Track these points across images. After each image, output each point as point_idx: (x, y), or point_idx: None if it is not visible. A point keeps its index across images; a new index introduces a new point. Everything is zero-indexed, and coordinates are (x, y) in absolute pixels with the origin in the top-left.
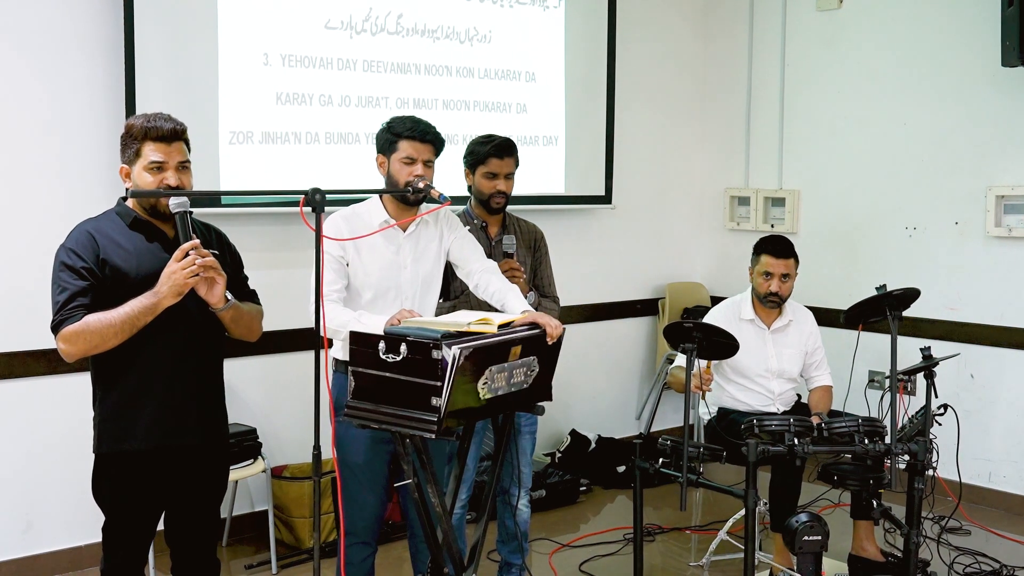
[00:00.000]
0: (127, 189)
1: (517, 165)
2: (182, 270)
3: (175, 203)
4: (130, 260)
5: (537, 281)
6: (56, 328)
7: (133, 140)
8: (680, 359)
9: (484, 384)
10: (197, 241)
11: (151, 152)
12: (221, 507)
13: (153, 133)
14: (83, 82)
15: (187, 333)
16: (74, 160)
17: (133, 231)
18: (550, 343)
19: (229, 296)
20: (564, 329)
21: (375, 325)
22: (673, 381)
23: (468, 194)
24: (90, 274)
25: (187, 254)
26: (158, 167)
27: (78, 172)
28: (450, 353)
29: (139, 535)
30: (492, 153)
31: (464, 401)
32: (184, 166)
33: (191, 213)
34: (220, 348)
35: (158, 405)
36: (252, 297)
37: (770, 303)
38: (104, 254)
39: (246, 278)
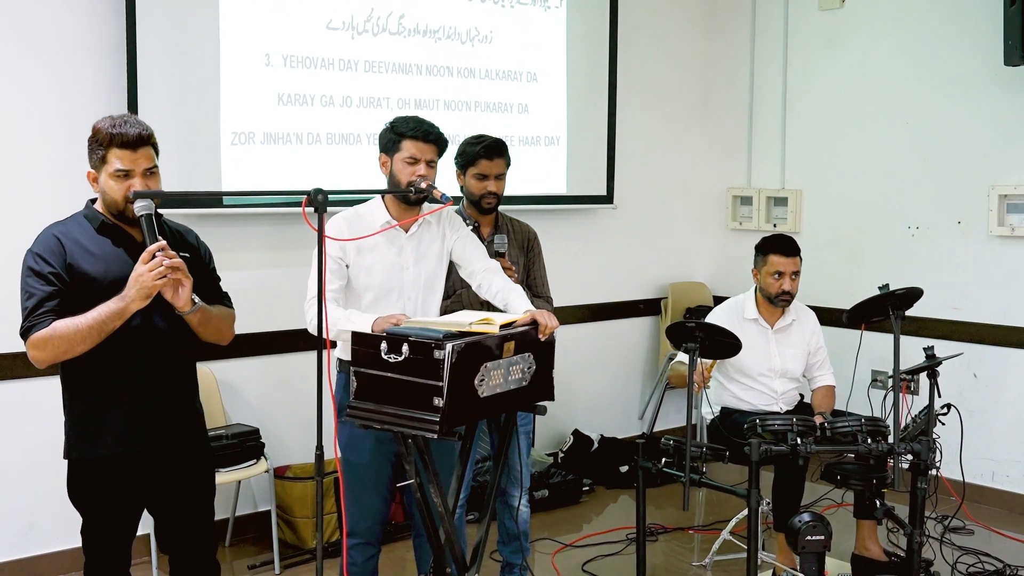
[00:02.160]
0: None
1: (508, 165)
2: (149, 272)
3: (139, 206)
4: (98, 265)
5: (530, 281)
6: (25, 334)
7: (99, 146)
8: (683, 356)
9: (480, 381)
10: (164, 243)
11: (116, 160)
12: (224, 508)
13: (119, 140)
14: (86, 83)
15: (156, 338)
16: (77, 161)
17: (100, 235)
18: (542, 339)
19: (196, 299)
20: (557, 325)
21: (363, 323)
22: (674, 375)
23: (461, 194)
24: (57, 279)
25: (154, 256)
26: (124, 175)
27: (81, 173)
28: (443, 351)
29: (117, 537)
30: (482, 154)
31: (464, 400)
32: (151, 172)
33: (160, 215)
34: (191, 352)
35: (126, 411)
36: (223, 299)
37: (782, 302)
38: (71, 259)
39: (218, 278)
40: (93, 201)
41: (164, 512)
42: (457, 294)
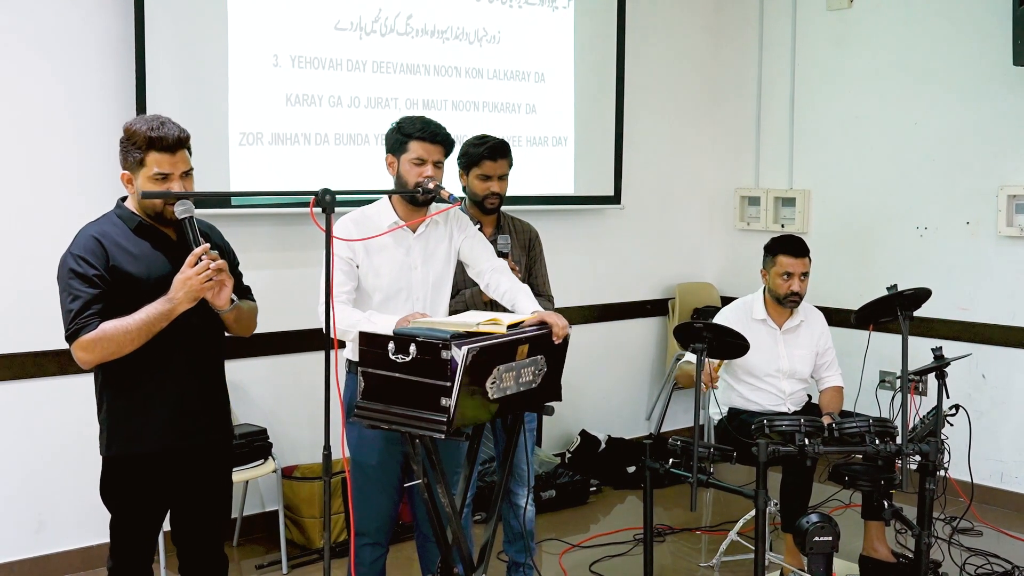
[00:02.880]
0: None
1: (511, 166)
2: (197, 275)
3: (180, 209)
4: (140, 266)
5: (532, 280)
6: (72, 337)
7: (136, 148)
8: (690, 355)
9: (492, 383)
10: (207, 246)
11: (156, 164)
12: (232, 507)
13: (159, 144)
14: (94, 83)
15: (193, 335)
16: (86, 162)
17: (138, 236)
18: (556, 342)
19: (234, 298)
20: (569, 329)
21: (385, 325)
22: (681, 375)
23: (463, 194)
24: (101, 281)
25: (199, 260)
26: (163, 178)
27: (90, 174)
28: (459, 353)
29: (146, 533)
30: (485, 155)
31: (473, 401)
32: (188, 174)
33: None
34: (223, 347)
35: (169, 407)
36: (247, 293)
37: (791, 303)
38: (114, 261)
39: (240, 274)
40: (123, 199)
41: (184, 505)
42: (461, 293)
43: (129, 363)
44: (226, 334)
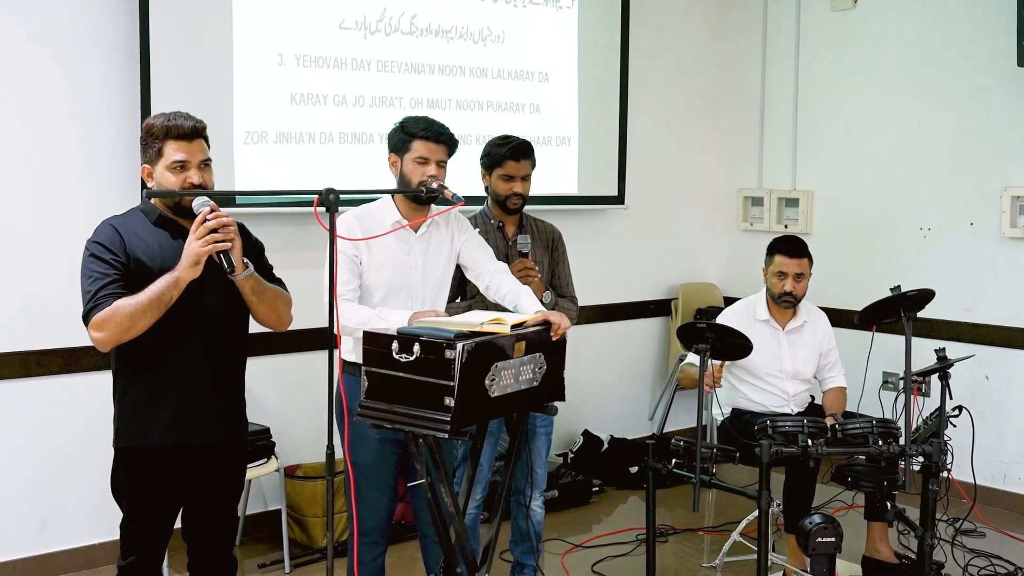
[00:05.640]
0: (144, 188)
1: (534, 167)
2: (197, 240)
3: (199, 203)
4: (153, 256)
5: (555, 281)
6: (87, 316)
7: (154, 139)
8: (692, 357)
9: (491, 381)
10: (214, 222)
11: (173, 151)
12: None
13: (174, 132)
14: (99, 82)
15: (210, 332)
16: (90, 161)
17: (158, 228)
18: (554, 338)
19: (247, 261)
20: (569, 325)
21: (397, 321)
22: (683, 377)
23: (484, 194)
24: (119, 264)
25: (204, 224)
26: (181, 166)
27: (95, 173)
28: (454, 350)
29: (156, 532)
30: (508, 156)
31: (475, 400)
32: (206, 164)
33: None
34: (243, 348)
35: (177, 402)
36: (280, 284)
37: (784, 303)
38: (130, 248)
39: (271, 266)
40: (150, 197)
41: (196, 504)
42: (481, 295)
43: (142, 351)
44: (252, 331)
